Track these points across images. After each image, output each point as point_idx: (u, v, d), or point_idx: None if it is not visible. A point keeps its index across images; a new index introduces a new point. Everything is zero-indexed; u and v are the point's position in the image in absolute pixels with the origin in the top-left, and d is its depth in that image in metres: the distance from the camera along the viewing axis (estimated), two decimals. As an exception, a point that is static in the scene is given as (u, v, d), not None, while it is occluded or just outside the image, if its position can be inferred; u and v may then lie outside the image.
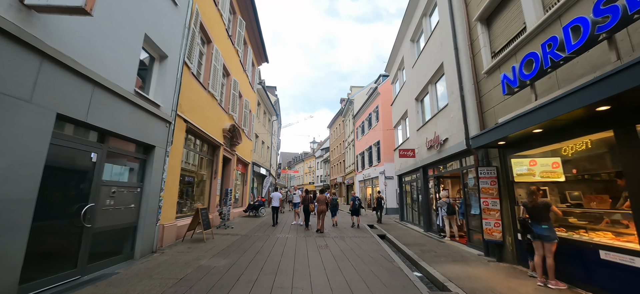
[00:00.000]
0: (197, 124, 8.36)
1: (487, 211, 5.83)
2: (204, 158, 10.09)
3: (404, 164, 13.05)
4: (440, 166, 9.11)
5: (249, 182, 16.75)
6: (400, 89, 13.92)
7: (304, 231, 9.82)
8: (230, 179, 12.63)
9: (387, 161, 18.75)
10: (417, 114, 11.21)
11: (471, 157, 7.02)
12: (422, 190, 10.57)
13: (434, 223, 9.93)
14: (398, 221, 14.07)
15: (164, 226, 6.47)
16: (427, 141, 9.50)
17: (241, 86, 13.89)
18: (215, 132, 10.11)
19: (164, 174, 6.25)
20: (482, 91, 6.35)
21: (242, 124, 14.34)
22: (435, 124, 8.92)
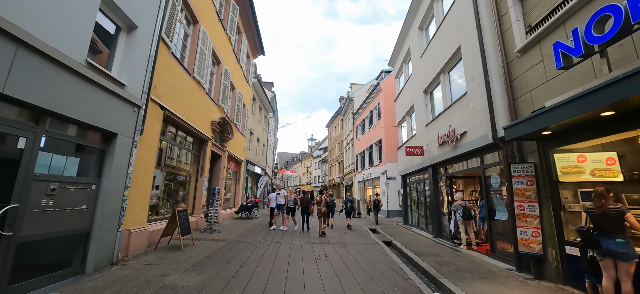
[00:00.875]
0: (178, 113, 7.27)
1: (522, 217, 4.80)
2: (189, 153, 8.98)
3: (409, 164, 12.02)
4: (454, 164, 8.08)
5: (242, 182, 15.65)
6: (406, 82, 12.90)
7: (299, 235, 8.75)
8: (220, 177, 11.54)
9: (389, 161, 17.73)
10: (426, 108, 10.19)
11: (496, 154, 6.00)
12: (431, 191, 9.54)
13: (444, 228, 8.90)
14: (402, 224, 13.03)
15: (131, 231, 5.37)
16: (438, 136, 8.47)
17: (234, 77, 12.80)
18: (202, 124, 9.01)
19: (130, 169, 5.15)
20: (514, 73, 5.32)
21: (235, 119, 13.25)
22: (449, 117, 7.89)
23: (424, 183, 10.64)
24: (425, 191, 10.59)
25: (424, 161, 10.02)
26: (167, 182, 7.83)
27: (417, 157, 10.85)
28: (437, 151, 8.81)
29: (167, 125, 7.32)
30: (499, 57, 5.75)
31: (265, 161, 23.12)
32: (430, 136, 9.54)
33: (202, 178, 9.40)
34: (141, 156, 5.65)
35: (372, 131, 20.77)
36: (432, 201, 9.53)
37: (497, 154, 5.96)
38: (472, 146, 6.55)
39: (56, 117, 3.79)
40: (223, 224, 10.77)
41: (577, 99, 3.33)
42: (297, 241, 7.73)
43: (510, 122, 5.09)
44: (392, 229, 11.40)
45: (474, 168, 7.00)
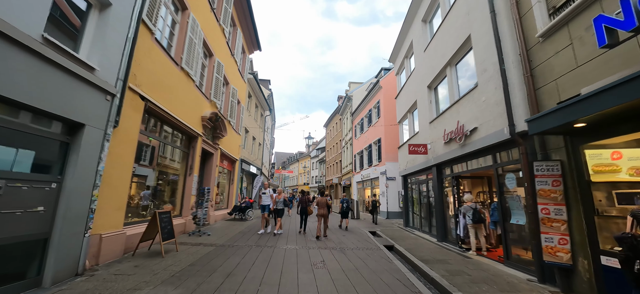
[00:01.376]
0: (163, 105, 6.64)
1: (547, 222, 4.24)
2: (177, 150, 8.34)
3: (411, 163, 11.47)
4: (462, 163, 7.52)
5: (237, 181, 15.01)
6: (408, 78, 12.35)
7: (295, 238, 8.15)
8: (212, 176, 10.90)
9: (389, 161, 17.18)
10: (430, 104, 9.64)
11: (513, 151, 5.44)
12: (436, 192, 8.98)
13: (450, 231, 8.35)
14: (402, 226, 12.47)
15: (102, 236, 4.74)
16: (444, 133, 7.91)
17: (227, 71, 12.17)
18: (191, 119, 8.38)
19: (101, 165, 4.51)
20: (535, 60, 4.77)
21: (228, 115, 12.62)
22: (457, 112, 7.34)
23: (427, 184, 10.09)
24: (428, 192, 10.04)
25: (428, 160, 9.47)
26: (150, 183, 7.19)
27: (419, 157, 10.30)
28: (443, 149, 8.25)
29: (151, 118, 6.68)
30: (516, 44, 5.19)
31: (261, 161, 22.49)
32: (434, 134, 8.98)
33: (191, 177, 8.76)
34: (116, 151, 5.02)
35: (372, 130, 20.21)
36: (436, 202, 8.97)
37: (514, 152, 5.41)
38: (484, 142, 5.99)
39: (1, 101, 3.16)
40: (214, 226, 10.13)
41: (623, 84, 2.77)
42: (292, 246, 7.12)
43: (533, 114, 4.53)
44: (393, 231, 10.83)
45: (485, 167, 6.44)
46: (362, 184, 22.52)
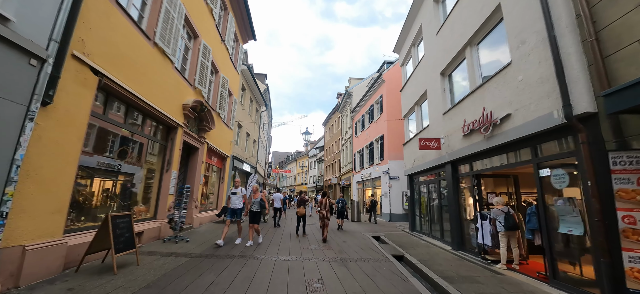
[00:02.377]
0: (129, 85, 5.46)
1: (631, 235, 3.10)
2: (151, 142, 7.14)
3: (419, 161, 10.32)
4: (486, 158, 6.37)
5: (227, 180, 13.80)
6: (415, 68, 11.21)
7: (288, 244, 6.97)
8: (197, 174, 9.69)
9: (393, 159, 16.03)
10: (443, 93, 8.49)
11: (563, 141, 4.29)
12: (450, 193, 7.83)
13: (468, 239, 7.21)
14: (408, 230, 11.32)
15: (26, 248, 3.54)
16: (464, 125, 6.77)
17: (216, 57, 10.98)
18: (168, 106, 7.19)
19: (19, 153, 3.32)
20: (602, 20, 3.64)
21: (218, 107, 11.42)
22: (482, 98, 6.20)
23: (439, 183, 8.94)
24: (440, 192, 8.90)
25: (441, 157, 8.32)
26: (115, 178, 5.98)
27: (429, 153, 9.16)
28: (460, 143, 7.11)
29: (112, 100, 5.48)
30: (569, 4, 4.05)
31: (256, 159, 21.28)
32: (449, 126, 7.84)
33: (168, 174, 7.56)
34: (52, 136, 3.84)
35: (373, 126, 19.06)
36: (450, 205, 7.82)
37: (565, 141, 4.26)
38: (521, 132, 4.85)
39: None
40: (198, 230, 8.92)
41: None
42: (283, 257, 5.94)
43: (602, 89, 3.38)
44: (400, 237, 9.67)
45: (520, 163, 5.28)
46: (363, 184, 21.37)
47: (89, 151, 5.05)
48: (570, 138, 4.08)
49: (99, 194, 5.49)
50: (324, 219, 8.35)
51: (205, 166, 10.98)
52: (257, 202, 7.07)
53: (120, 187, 6.24)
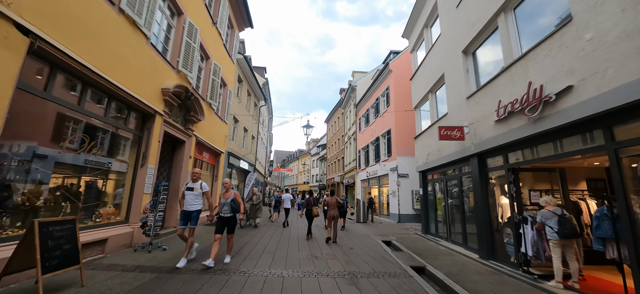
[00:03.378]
0: (80, 55, 4.32)
1: None
2: (122, 132, 5.99)
3: (434, 155, 9.10)
4: (529, 147, 5.14)
5: (221, 178, 12.65)
6: (429, 51, 9.98)
7: (285, 253, 5.80)
8: (183, 170, 8.55)
9: (401, 155, 14.79)
10: (467, 74, 7.27)
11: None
12: (477, 191, 6.61)
13: (499, 247, 5.99)
14: (421, 234, 10.10)
15: None
16: (498, 107, 5.54)
17: (207, 41, 9.83)
18: (141, 88, 6.05)
19: None
20: None
21: (209, 96, 10.27)
22: (524, 71, 4.97)
23: (460, 180, 7.72)
24: (462, 190, 7.67)
25: (464, 149, 7.10)
26: (69, 174, 4.84)
27: (447, 146, 7.95)
28: (492, 131, 5.88)
29: (57, 72, 4.32)
30: None
31: (255, 156, 20.14)
32: (475, 112, 6.62)
33: (144, 169, 6.42)
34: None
35: (379, 120, 17.82)
36: (477, 206, 6.60)
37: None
38: (590, 108, 3.63)
39: None
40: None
41: None
42: (277, 271, 4.77)
43: None
44: (414, 242, 8.45)
45: (585, 150, 4.04)
46: (368, 183, 20.15)
47: (27, 137, 3.91)
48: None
49: (49, 193, 4.34)
50: (331, 219, 7.95)
51: (194, 162, 9.85)
52: (227, 204, 5.02)
53: (83, 185, 5.12)
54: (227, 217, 5.03)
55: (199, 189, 5.15)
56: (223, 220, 5.03)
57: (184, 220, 5.03)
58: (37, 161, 4.10)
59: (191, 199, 5.04)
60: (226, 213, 5.02)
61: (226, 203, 5.05)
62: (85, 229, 4.94)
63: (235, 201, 5.07)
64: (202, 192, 5.18)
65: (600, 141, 3.74)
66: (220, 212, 5.06)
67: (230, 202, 5.04)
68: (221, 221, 5.02)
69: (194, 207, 5.04)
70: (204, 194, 5.22)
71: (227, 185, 5.23)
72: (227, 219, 5.06)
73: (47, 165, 4.28)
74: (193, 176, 5.17)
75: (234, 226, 5.18)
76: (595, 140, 3.88)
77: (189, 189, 5.09)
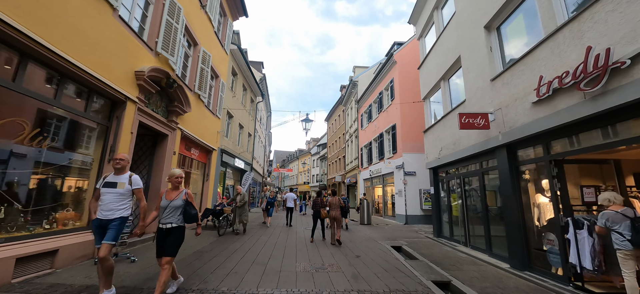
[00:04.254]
0: (14, 18, 3.32)
1: None
2: (83, 119, 4.98)
3: (448, 150, 8.10)
4: (580, 132, 4.13)
5: (213, 178, 11.65)
6: (441, 34, 8.97)
7: (280, 261, 4.79)
8: (165, 167, 7.54)
9: (408, 151, 13.77)
10: (491, 52, 6.26)
11: None
12: (507, 189, 5.60)
13: (534, 256, 4.97)
14: (433, 237, 9.08)
15: None
16: (540, 85, 4.52)
17: (193, 24, 8.84)
18: (106, 68, 5.04)
19: None
20: None
21: (196, 86, 9.27)
22: (578, 36, 3.97)
23: (482, 176, 6.70)
24: (484, 188, 6.65)
25: (487, 140, 6.09)
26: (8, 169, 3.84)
27: (464, 138, 6.96)
28: (529, 115, 4.87)
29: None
30: None
31: (251, 155, 19.13)
32: (503, 95, 5.61)
33: (110, 165, 5.41)
34: None
35: (383, 116, 16.81)
36: (507, 206, 5.58)
37: None
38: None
39: None
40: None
41: None
42: (266, 290, 3.75)
43: None
44: (428, 248, 7.43)
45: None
46: (371, 182, 19.12)
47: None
48: None
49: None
50: (334, 220, 7.56)
51: (180, 159, 8.84)
52: (172, 208, 3.29)
53: (34, 184, 4.13)
54: (167, 229, 3.25)
55: (126, 186, 3.35)
56: (162, 235, 3.26)
57: (98, 234, 3.18)
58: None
59: (111, 200, 3.25)
60: (167, 223, 3.25)
61: (169, 206, 3.28)
62: (29, 239, 3.94)
63: (187, 204, 3.37)
64: (132, 190, 3.40)
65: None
66: (160, 222, 3.31)
67: (178, 205, 3.31)
68: (158, 235, 3.30)
69: (115, 214, 3.24)
70: (133, 194, 3.45)
71: (175, 180, 3.41)
72: (168, 233, 3.25)
73: None
74: (116, 164, 3.40)
75: (175, 244, 3.26)
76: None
77: (108, 186, 3.30)
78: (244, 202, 8.70)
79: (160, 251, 3.24)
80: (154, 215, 3.42)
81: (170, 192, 3.41)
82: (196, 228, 3.57)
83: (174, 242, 3.25)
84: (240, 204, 8.65)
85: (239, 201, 8.68)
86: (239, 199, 8.70)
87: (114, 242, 3.17)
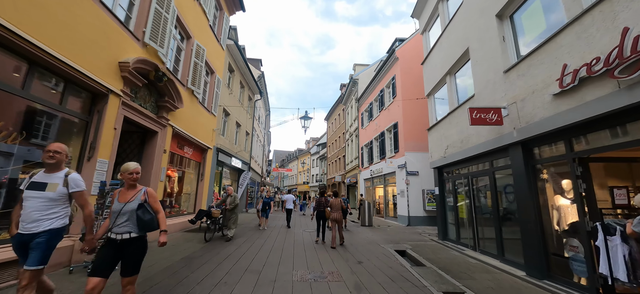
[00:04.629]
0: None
1: None
2: (60, 113, 4.52)
3: (455, 148, 7.66)
4: (610, 127, 3.68)
5: (209, 177, 11.20)
6: (447, 26, 8.53)
7: (275, 268, 4.34)
8: (155, 167, 7.09)
9: (410, 150, 13.32)
10: (503, 42, 5.81)
11: None
12: (523, 189, 5.15)
13: (557, 262, 4.53)
14: (438, 240, 8.64)
15: None
16: (564, 75, 4.07)
17: (186, 15, 8.40)
18: (83, 57, 4.59)
19: None
20: None
21: (189, 81, 8.82)
22: (611, 15, 3.52)
23: (493, 175, 6.25)
24: (495, 188, 6.21)
25: (500, 136, 5.64)
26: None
27: (476, 134, 6.51)
28: (549, 109, 4.42)
29: None
30: None
31: (249, 154, 18.68)
32: (519, 88, 5.16)
33: (92, 163, 4.95)
34: None
35: (384, 114, 16.36)
36: (523, 208, 5.14)
37: None
38: None
39: None
40: (152, 245, 6.29)
41: None
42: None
43: None
44: (435, 252, 6.98)
45: None
46: (372, 182, 18.67)
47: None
48: None
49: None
50: (335, 222, 7.35)
51: (171, 158, 8.39)
52: (128, 214, 2.57)
53: None
54: (123, 241, 2.51)
55: (59, 188, 2.50)
56: (114, 248, 2.49)
57: (21, 255, 2.39)
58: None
59: (37, 207, 2.41)
60: (123, 233, 2.51)
61: (124, 211, 2.54)
62: None
63: (147, 207, 2.64)
64: (69, 193, 2.57)
65: None
66: (110, 232, 2.54)
67: (135, 209, 2.56)
68: (108, 248, 2.49)
69: (41, 225, 2.40)
70: (70, 199, 2.63)
71: (128, 177, 2.64)
72: (124, 245, 2.51)
73: None
74: (48, 158, 2.50)
75: (137, 259, 2.56)
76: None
77: (34, 187, 2.45)
78: (234, 205, 7.71)
79: (103, 266, 2.38)
80: (105, 225, 2.66)
81: (124, 192, 2.67)
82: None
83: (134, 256, 2.52)
84: (231, 207, 7.66)
85: (229, 203, 7.67)
86: (229, 201, 7.69)
87: (40, 266, 2.31)
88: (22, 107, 3.96)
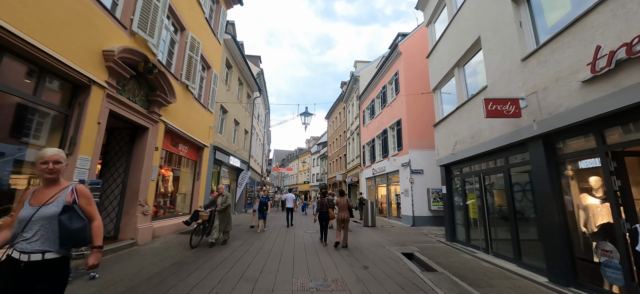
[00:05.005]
0: None
1: None
2: (38, 105, 4.08)
3: (464, 144, 7.21)
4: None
5: (205, 177, 10.76)
6: (455, 14, 8.06)
7: (272, 274, 3.91)
8: (146, 165, 6.65)
9: (415, 148, 12.86)
10: (520, 28, 5.35)
11: None
12: (545, 188, 4.70)
13: (584, 268, 4.09)
14: (445, 241, 8.19)
15: None
16: (596, 59, 3.62)
17: (180, 6, 7.98)
18: (58, 41, 4.14)
19: None
20: None
21: (183, 75, 8.38)
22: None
23: (508, 173, 5.80)
24: (510, 187, 5.75)
25: (518, 130, 5.19)
26: None
27: (489, 129, 6.07)
28: (576, 98, 3.96)
29: None
30: None
31: (248, 152, 18.24)
32: (541, 76, 4.70)
33: (72, 160, 4.51)
34: None
35: (387, 111, 15.91)
36: (544, 208, 4.68)
37: None
38: None
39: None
40: (142, 249, 5.87)
41: None
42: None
43: None
44: (445, 255, 6.53)
45: None
46: (374, 181, 18.21)
47: None
48: None
49: None
50: (341, 222, 7.03)
51: (165, 156, 7.95)
52: (39, 222, 1.70)
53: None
54: (29, 264, 1.64)
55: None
56: (18, 276, 1.62)
57: None
58: None
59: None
60: (29, 252, 1.65)
61: (36, 218, 1.71)
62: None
63: (77, 211, 1.81)
64: None
65: None
66: (13, 249, 1.67)
67: (58, 214, 1.75)
68: (10, 276, 1.63)
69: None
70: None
71: (45, 170, 1.80)
72: (31, 272, 1.64)
73: None
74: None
75: (57, 286, 1.72)
76: None
77: None
78: (226, 206, 6.81)
79: None
80: (4, 236, 1.74)
81: (40, 192, 1.82)
82: (90, 257, 1.89)
83: (54, 284, 1.69)
84: (222, 208, 6.76)
85: (221, 204, 6.78)
86: (220, 201, 6.79)
87: None
88: None
